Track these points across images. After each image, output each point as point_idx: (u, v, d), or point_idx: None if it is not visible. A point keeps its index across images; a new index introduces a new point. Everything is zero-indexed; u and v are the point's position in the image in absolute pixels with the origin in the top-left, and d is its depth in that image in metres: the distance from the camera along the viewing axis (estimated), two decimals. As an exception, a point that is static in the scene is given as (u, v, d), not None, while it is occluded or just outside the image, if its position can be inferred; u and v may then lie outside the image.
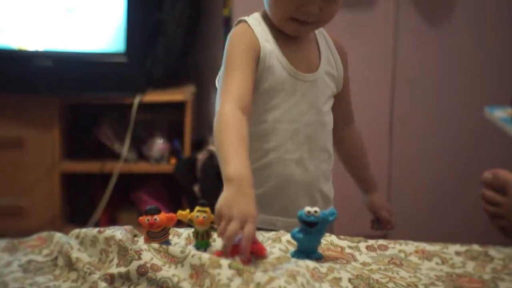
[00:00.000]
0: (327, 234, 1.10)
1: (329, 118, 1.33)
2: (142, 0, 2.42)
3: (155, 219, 1.05)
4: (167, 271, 0.96)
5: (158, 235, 1.06)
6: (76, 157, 2.54)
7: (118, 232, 1.05)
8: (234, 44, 1.25)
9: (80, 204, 2.55)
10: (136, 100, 2.43)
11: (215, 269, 0.93)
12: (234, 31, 1.28)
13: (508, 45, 2.66)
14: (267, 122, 1.26)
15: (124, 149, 2.45)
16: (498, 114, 2.05)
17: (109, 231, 1.06)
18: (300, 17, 1.22)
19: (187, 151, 2.51)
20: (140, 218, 1.06)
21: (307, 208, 1.02)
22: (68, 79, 2.40)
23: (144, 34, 2.47)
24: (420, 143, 2.71)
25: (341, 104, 1.37)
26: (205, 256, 0.96)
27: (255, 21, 1.28)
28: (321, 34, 1.36)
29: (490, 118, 2.10)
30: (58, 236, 1.12)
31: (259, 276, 0.90)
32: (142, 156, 2.53)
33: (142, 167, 2.51)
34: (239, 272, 0.92)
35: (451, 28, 2.65)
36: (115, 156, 2.48)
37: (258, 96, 1.25)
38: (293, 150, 1.27)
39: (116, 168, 2.44)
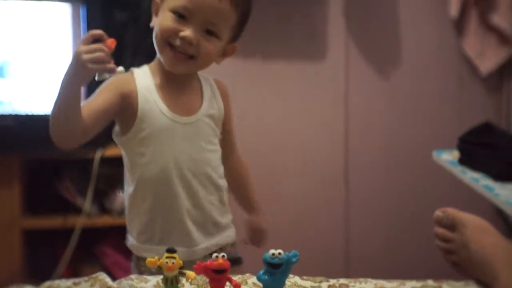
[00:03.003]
0: (291, 275, 1.14)
1: (215, 155, 1.44)
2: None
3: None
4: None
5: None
6: (38, 213, 2.52)
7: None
8: (107, 83, 1.35)
9: (43, 260, 2.52)
10: (98, 155, 2.45)
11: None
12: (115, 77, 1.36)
13: (454, 91, 2.79)
14: (154, 164, 1.36)
15: (86, 203, 2.46)
16: (445, 157, 2.13)
17: (86, 283, 1.08)
18: (178, 43, 1.31)
19: (148, 203, 2.53)
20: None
21: (272, 251, 1.06)
22: (29, 136, 2.41)
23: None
24: (373, 186, 2.78)
25: (226, 138, 1.50)
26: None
27: (140, 72, 1.39)
28: (207, 82, 1.46)
29: (438, 161, 2.18)
30: (28, 289, 1.12)
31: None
32: (104, 210, 2.54)
33: (104, 220, 2.51)
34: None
35: (399, 77, 2.76)
36: (77, 211, 2.48)
37: (140, 142, 1.35)
38: (181, 187, 1.37)
39: (79, 222, 2.44)
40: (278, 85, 2.70)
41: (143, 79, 1.38)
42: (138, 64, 2.52)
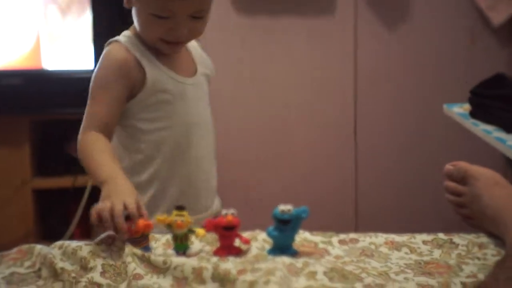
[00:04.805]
0: (301, 231, 1.14)
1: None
2: (107, 16, 2.44)
3: (131, 226, 1.07)
4: (149, 280, 0.98)
5: (137, 241, 1.09)
6: (48, 173, 2.54)
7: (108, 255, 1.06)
8: (104, 64, 1.28)
9: (54, 220, 2.55)
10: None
11: (199, 285, 0.95)
12: (107, 50, 1.30)
13: (464, 44, 2.75)
14: (165, 129, 1.32)
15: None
16: (456, 110, 2.11)
17: (98, 248, 1.07)
18: (170, 39, 1.27)
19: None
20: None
21: (281, 207, 1.05)
22: (38, 97, 2.40)
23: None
24: (383, 142, 2.77)
25: None
26: (187, 269, 0.98)
27: (128, 39, 1.31)
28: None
29: (449, 114, 2.16)
30: (38, 248, 1.13)
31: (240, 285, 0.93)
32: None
33: (114, 180, 2.52)
34: (223, 284, 0.94)
35: (408, 31, 2.72)
36: (87, 171, 2.49)
37: (151, 107, 1.30)
38: (192, 149, 1.34)
39: (89, 182, 2.45)
40: (286, 41, 2.67)
41: (136, 48, 1.30)
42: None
